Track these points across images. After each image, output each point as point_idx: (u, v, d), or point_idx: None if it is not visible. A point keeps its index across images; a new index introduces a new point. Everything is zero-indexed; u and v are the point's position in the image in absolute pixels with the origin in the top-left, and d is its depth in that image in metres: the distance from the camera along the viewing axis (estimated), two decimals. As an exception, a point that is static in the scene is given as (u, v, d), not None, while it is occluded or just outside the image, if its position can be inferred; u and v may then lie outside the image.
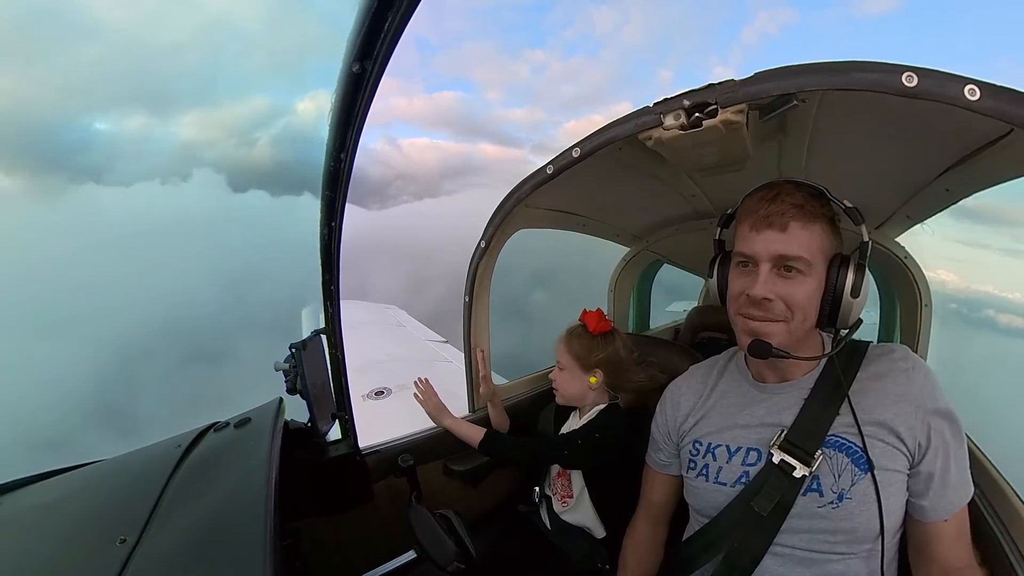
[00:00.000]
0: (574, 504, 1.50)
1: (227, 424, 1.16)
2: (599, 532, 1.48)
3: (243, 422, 1.15)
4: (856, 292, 0.92)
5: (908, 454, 0.90)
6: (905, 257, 1.70)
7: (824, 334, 1.06)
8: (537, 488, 1.64)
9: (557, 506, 1.55)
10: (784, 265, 0.92)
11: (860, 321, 0.97)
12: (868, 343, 1.03)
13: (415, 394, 1.65)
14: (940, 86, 0.69)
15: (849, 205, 0.94)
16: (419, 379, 1.66)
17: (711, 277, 1.08)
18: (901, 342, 1.92)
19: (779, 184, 0.95)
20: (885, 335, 2.15)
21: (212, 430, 1.15)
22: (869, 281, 0.95)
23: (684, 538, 1.13)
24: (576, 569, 1.47)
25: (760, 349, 0.93)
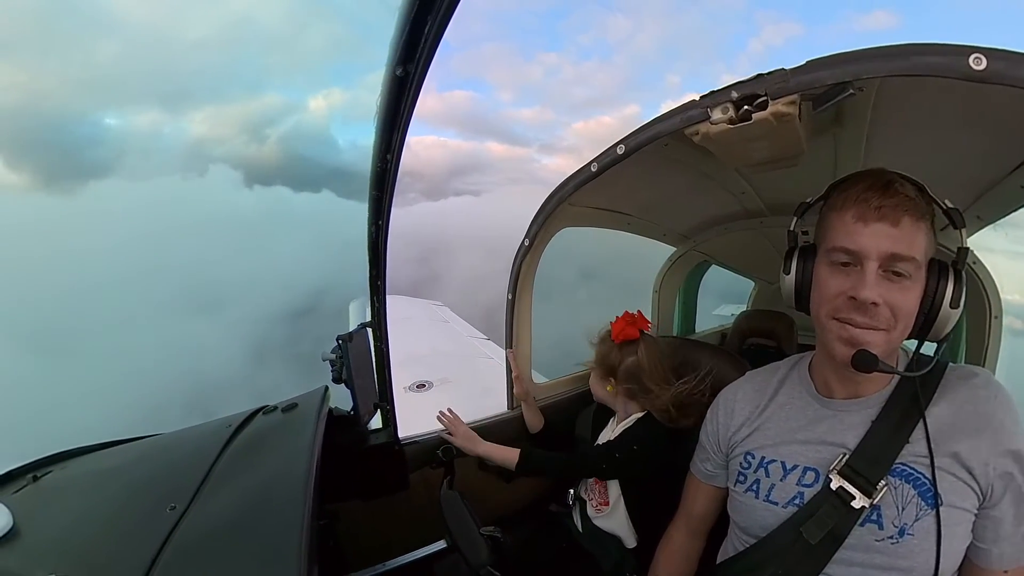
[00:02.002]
0: (609, 511, 1.48)
1: (275, 408, 1.22)
2: (630, 542, 1.45)
3: (290, 407, 1.21)
4: (956, 303, 0.82)
5: (979, 493, 0.81)
6: (974, 263, 1.56)
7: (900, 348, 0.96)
8: (572, 490, 1.63)
9: (591, 511, 1.53)
10: (894, 267, 0.81)
11: (950, 335, 0.87)
12: (947, 363, 0.93)
13: (442, 432, 1.62)
14: (1014, 68, 0.62)
15: (950, 205, 0.83)
16: (443, 411, 1.64)
17: (787, 273, 0.96)
18: (966, 357, 1.76)
19: (886, 172, 0.84)
20: (949, 349, 1.99)
21: (261, 413, 1.21)
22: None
23: (722, 557, 1.08)
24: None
25: (866, 361, 0.81)
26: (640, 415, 1.47)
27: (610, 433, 1.53)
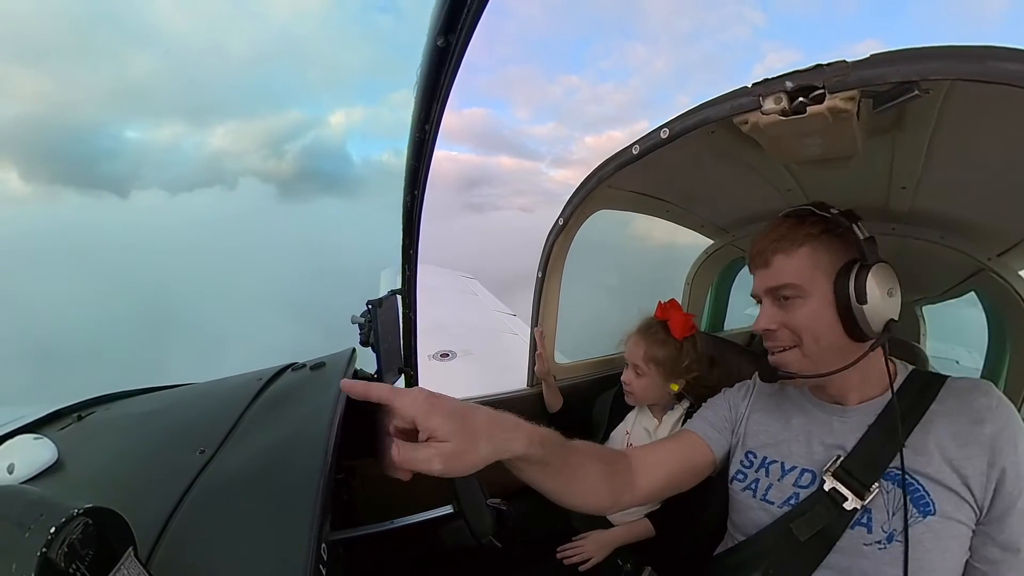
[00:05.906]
0: None
1: (304, 365, 1.27)
2: None
3: (318, 365, 1.25)
4: (862, 297, 0.85)
5: (975, 507, 0.79)
6: None
7: (899, 363, 0.97)
8: None
9: None
10: (779, 296, 0.93)
11: (893, 322, 0.89)
12: (947, 376, 0.93)
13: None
14: None
15: (835, 211, 0.91)
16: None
17: None
18: (1006, 387, 1.65)
19: (770, 222, 0.98)
20: (991, 378, 1.85)
21: (290, 369, 1.26)
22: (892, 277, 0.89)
23: (716, 554, 1.08)
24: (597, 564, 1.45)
25: (769, 373, 0.98)
26: (686, 405, 1.47)
27: (644, 423, 1.52)
